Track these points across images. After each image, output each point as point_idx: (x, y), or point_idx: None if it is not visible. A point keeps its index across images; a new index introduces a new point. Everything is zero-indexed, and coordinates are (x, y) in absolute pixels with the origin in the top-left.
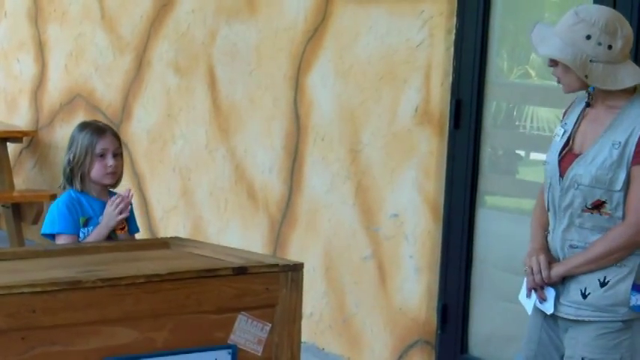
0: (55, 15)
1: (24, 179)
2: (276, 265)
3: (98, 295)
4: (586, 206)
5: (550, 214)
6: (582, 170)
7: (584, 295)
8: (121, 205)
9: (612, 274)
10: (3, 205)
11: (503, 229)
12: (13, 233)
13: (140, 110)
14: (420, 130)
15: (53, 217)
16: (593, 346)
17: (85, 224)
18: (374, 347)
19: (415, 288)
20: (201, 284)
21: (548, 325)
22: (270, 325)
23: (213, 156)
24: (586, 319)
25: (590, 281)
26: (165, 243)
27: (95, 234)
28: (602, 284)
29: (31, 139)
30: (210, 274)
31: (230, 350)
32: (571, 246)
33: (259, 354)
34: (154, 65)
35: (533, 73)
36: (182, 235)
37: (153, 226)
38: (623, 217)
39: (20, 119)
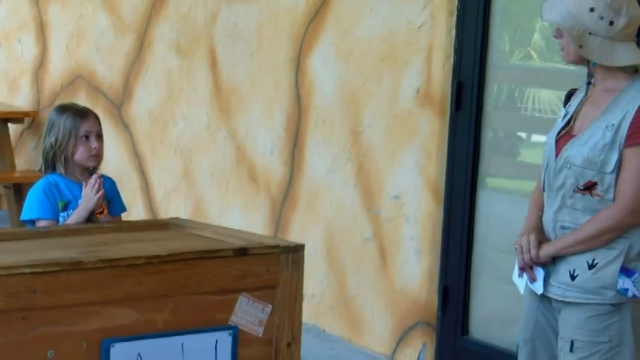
0: None
1: (25, 160)
2: (277, 247)
3: (99, 276)
4: (577, 187)
5: (545, 195)
6: (575, 151)
7: (573, 277)
8: (97, 186)
9: (601, 257)
10: (4, 186)
11: (504, 211)
12: (14, 214)
13: (141, 91)
14: (421, 112)
15: (31, 203)
16: (583, 329)
17: (65, 208)
18: (375, 329)
19: (416, 270)
20: (202, 265)
21: (544, 307)
22: (271, 306)
23: (215, 137)
24: (574, 300)
25: (579, 263)
26: (165, 224)
27: (74, 217)
28: (591, 266)
29: (32, 120)
30: (210, 255)
31: (231, 331)
32: (562, 227)
33: (260, 335)
34: (155, 46)
35: (535, 55)
36: (183, 216)
37: (154, 207)
38: (614, 200)
39: (21, 100)
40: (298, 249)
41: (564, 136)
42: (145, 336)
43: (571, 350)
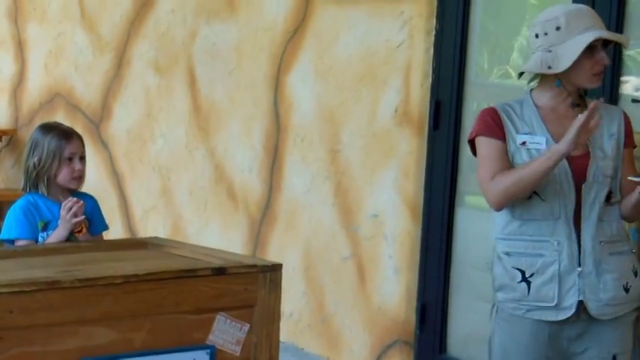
0: (35, 14)
1: (3, 178)
2: (255, 266)
3: (76, 296)
4: (605, 199)
5: (557, 223)
6: (602, 163)
7: (627, 290)
8: (74, 209)
9: (637, 262)
10: None
11: (482, 229)
12: None
13: (120, 110)
14: (400, 131)
15: (10, 223)
16: (625, 340)
17: (44, 228)
18: (353, 347)
19: (394, 288)
20: (180, 284)
21: (555, 335)
22: (248, 325)
23: (193, 155)
24: (624, 312)
25: (627, 273)
26: (143, 243)
27: (53, 238)
28: (635, 273)
29: (10, 138)
30: (188, 274)
31: (208, 350)
32: (601, 242)
33: (238, 354)
34: (134, 65)
35: (513, 73)
36: (162, 234)
37: (132, 225)
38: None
39: None
40: (276, 268)
41: (570, 156)
42: (122, 355)
43: None
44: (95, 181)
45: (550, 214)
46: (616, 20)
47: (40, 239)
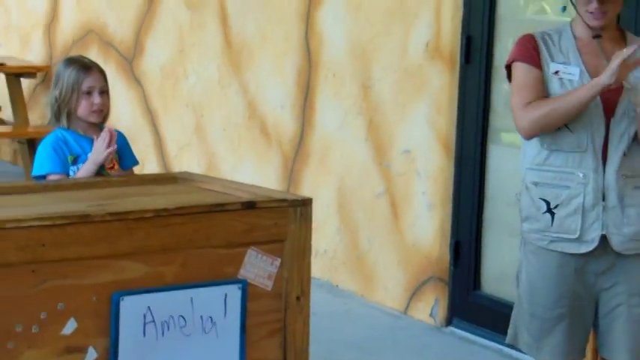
0: None
1: (38, 115)
2: (285, 200)
3: (107, 229)
4: (634, 135)
5: (584, 155)
6: (634, 99)
7: None
8: (107, 140)
9: None
10: (18, 141)
11: (515, 166)
12: (28, 169)
13: (152, 46)
14: (431, 65)
15: (41, 159)
16: None
17: (74, 162)
18: (387, 284)
19: (428, 225)
20: (210, 219)
21: (582, 271)
22: (279, 259)
23: (226, 92)
24: None
25: None
26: (174, 178)
27: (83, 170)
28: None
29: (45, 75)
30: (218, 208)
31: (240, 285)
32: (625, 175)
33: (269, 289)
34: (166, 0)
35: (548, 9)
36: (196, 171)
37: (167, 163)
38: None
39: (34, 55)
40: (306, 203)
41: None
42: (154, 289)
43: None
44: (129, 118)
45: (577, 146)
46: None
47: (71, 173)
